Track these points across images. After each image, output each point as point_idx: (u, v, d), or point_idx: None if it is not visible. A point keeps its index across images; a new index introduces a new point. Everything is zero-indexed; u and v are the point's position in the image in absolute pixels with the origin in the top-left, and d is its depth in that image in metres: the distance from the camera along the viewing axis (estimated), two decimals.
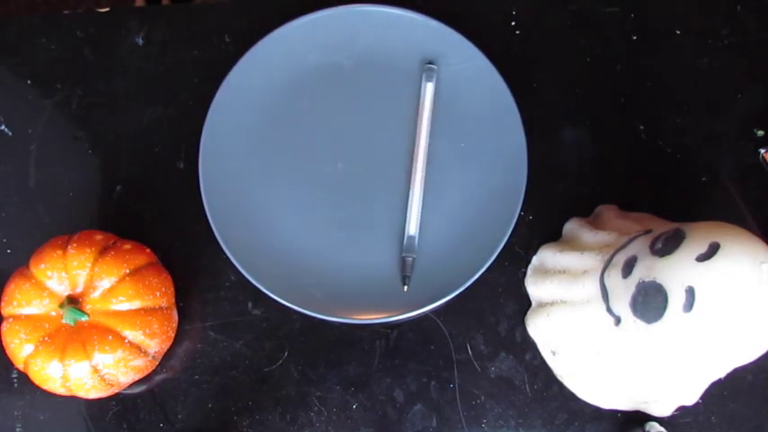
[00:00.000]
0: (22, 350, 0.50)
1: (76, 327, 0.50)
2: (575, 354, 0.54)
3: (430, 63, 0.60)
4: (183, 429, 0.56)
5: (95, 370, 0.50)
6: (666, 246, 0.45)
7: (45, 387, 0.51)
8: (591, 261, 0.53)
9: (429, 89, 0.60)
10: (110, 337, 0.49)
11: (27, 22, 0.64)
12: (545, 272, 0.56)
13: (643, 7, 0.64)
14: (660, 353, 0.47)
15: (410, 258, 0.57)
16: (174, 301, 0.54)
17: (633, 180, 0.60)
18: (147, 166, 0.61)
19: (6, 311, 0.51)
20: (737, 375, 0.55)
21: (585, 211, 0.59)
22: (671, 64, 0.63)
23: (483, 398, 0.56)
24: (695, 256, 0.43)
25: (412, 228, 0.57)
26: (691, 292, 0.42)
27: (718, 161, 0.60)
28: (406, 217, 0.58)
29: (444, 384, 0.57)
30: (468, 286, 0.55)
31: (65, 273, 0.50)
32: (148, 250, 0.54)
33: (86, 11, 0.64)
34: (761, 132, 0.61)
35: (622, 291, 0.47)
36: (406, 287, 0.56)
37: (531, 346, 0.57)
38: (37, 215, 0.60)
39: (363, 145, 0.60)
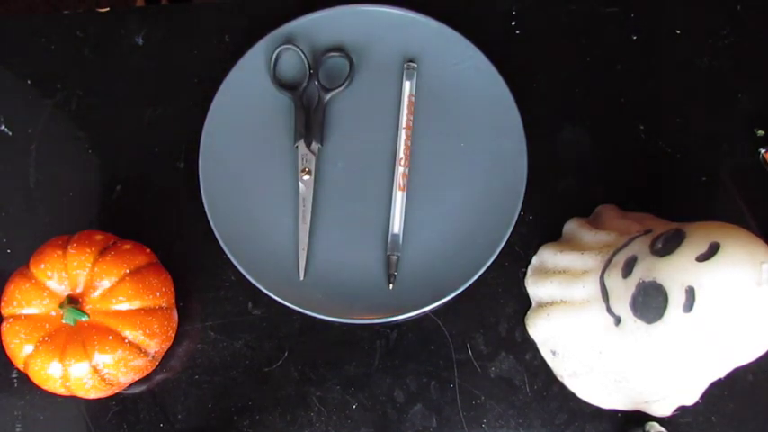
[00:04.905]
0: (22, 350, 0.50)
1: (76, 327, 0.50)
2: (575, 354, 0.54)
3: (410, 61, 0.60)
4: (183, 429, 0.56)
5: (95, 370, 0.50)
6: (666, 246, 0.45)
7: (45, 387, 0.51)
8: (591, 261, 0.52)
9: (407, 87, 0.60)
10: (110, 337, 0.49)
11: (27, 22, 0.64)
12: (545, 272, 0.56)
13: (643, 7, 0.64)
14: (660, 353, 0.47)
15: (395, 257, 0.57)
16: (174, 301, 0.54)
17: (633, 180, 0.60)
18: (147, 166, 0.61)
19: (6, 311, 0.51)
20: (737, 375, 0.55)
21: (585, 211, 0.59)
22: (671, 64, 0.63)
23: (483, 398, 0.56)
24: (695, 256, 0.43)
25: (396, 226, 0.57)
26: (691, 292, 0.42)
27: (718, 161, 0.60)
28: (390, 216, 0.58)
29: (444, 384, 0.57)
30: (468, 286, 0.55)
31: (65, 273, 0.50)
32: (148, 250, 0.54)
33: (86, 11, 0.64)
34: (761, 132, 0.61)
35: (622, 291, 0.47)
36: (391, 285, 0.56)
37: (531, 346, 0.57)
38: (37, 215, 0.60)
39: (364, 144, 0.60)
